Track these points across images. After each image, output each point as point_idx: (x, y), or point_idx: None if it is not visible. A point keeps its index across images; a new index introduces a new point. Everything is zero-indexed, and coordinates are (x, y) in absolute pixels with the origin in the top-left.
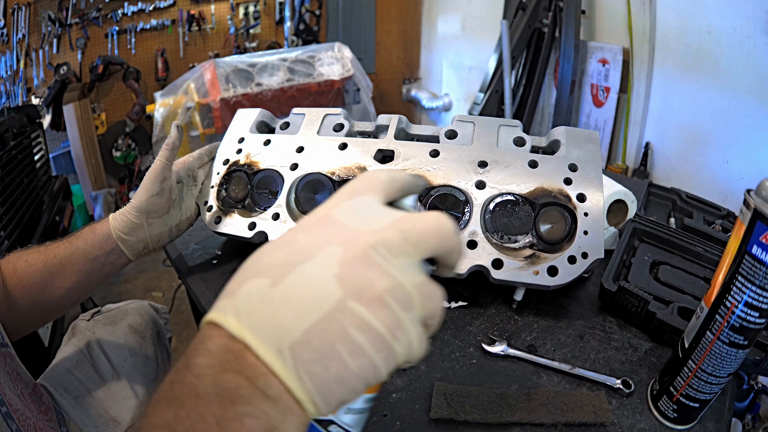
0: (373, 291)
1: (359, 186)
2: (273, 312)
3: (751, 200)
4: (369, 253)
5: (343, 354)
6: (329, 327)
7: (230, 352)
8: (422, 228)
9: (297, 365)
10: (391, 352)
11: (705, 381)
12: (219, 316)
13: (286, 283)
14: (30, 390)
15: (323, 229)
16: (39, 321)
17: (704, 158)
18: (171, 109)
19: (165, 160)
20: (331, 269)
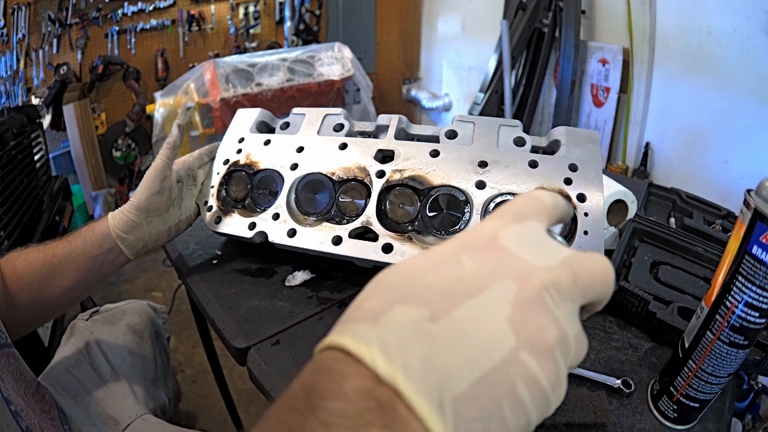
0: (545, 342)
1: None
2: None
3: (751, 200)
4: (543, 295)
5: (506, 412)
6: (499, 381)
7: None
8: (592, 273)
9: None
10: (548, 410)
11: (705, 381)
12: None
13: (451, 318)
14: (33, 390)
15: (492, 257)
16: (38, 320)
17: (704, 158)
18: (171, 109)
19: (166, 159)
20: (505, 310)
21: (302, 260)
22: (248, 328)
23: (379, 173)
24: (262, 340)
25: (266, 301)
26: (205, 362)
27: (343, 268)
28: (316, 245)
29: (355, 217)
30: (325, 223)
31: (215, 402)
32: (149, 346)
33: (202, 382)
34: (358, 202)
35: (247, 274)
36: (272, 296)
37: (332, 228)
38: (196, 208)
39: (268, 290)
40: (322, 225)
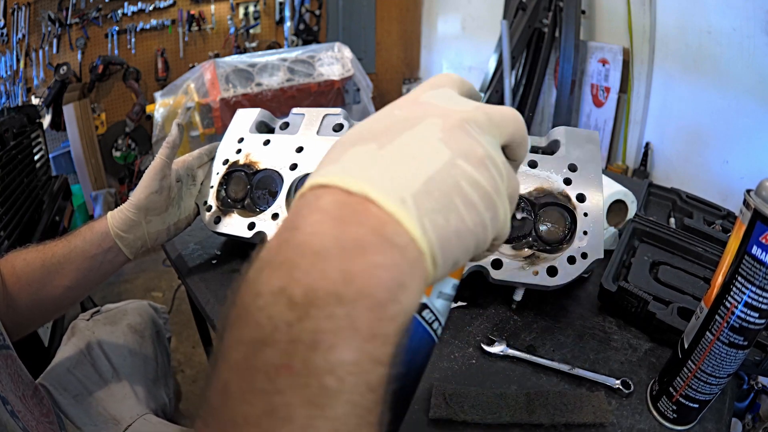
0: (475, 154)
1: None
2: (389, 168)
3: (751, 200)
4: (464, 125)
5: (460, 207)
6: (446, 180)
7: (347, 206)
8: (503, 113)
9: (420, 214)
10: (496, 214)
11: (704, 381)
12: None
13: (394, 144)
14: (31, 392)
15: (418, 106)
16: (38, 320)
17: (704, 158)
18: (171, 109)
19: (165, 158)
20: (436, 134)
21: None
22: None
23: None
24: None
25: None
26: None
27: None
28: None
29: None
30: None
31: None
32: (150, 346)
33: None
34: None
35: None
36: None
37: None
38: (196, 207)
39: None
40: None
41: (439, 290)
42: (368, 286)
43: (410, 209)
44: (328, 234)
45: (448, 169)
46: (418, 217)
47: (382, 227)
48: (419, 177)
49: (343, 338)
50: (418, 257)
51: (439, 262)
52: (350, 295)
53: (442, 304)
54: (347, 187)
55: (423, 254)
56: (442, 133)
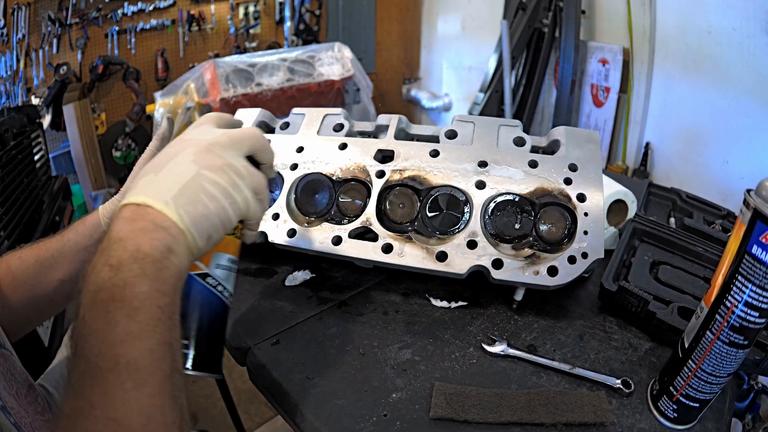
0: (215, 164)
1: (200, 120)
2: (159, 184)
3: (751, 200)
4: (210, 147)
5: (204, 199)
6: (193, 185)
7: (136, 212)
8: (241, 133)
9: (177, 208)
10: (234, 200)
11: (705, 381)
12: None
13: (163, 170)
14: (25, 391)
15: (180, 142)
16: (34, 318)
17: (704, 158)
18: (171, 109)
19: (154, 149)
20: (189, 158)
21: (302, 260)
22: (248, 328)
23: (378, 173)
24: (262, 340)
25: (266, 301)
26: None
27: (343, 268)
28: (316, 245)
29: (354, 217)
30: (325, 223)
31: (215, 402)
32: None
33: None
34: (357, 202)
35: (247, 274)
36: (272, 296)
37: (332, 228)
38: None
39: (268, 290)
40: (322, 225)
41: (216, 262)
42: (150, 250)
43: (170, 205)
44: (126, 228)
45: (195, 178)
46: (175, 209)
47: (155, 218)
48: (176, 186)
49: (139, 280)
50: (179, 233)
51: (195, 236)
52: (140, 257)
53: (222, 273)
54: (135, 201)
55: (182, 231)
56: (193, 156)
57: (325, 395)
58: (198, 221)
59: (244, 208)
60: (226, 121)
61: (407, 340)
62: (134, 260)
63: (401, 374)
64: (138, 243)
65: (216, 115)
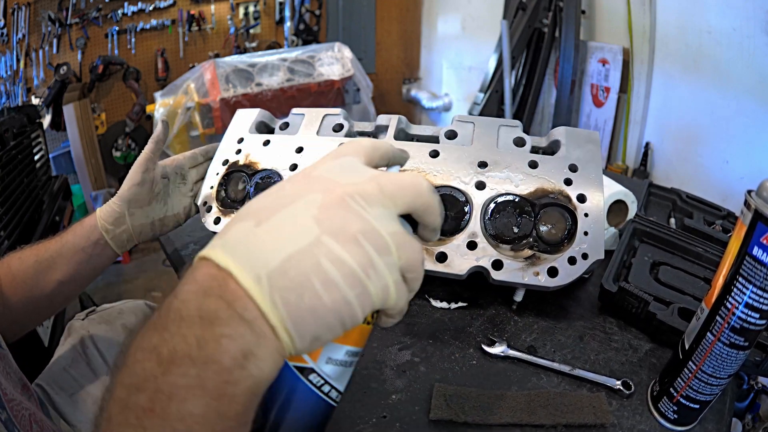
0: (347, 231)
1: (344, 149)
2: (255, 245)
3: (752, 201)
4: (346, 199)
5: (316, 285)
6: (305, 259)
7: (214, 279)
8: (399, 183)
9: (272, 292)
10: (365, 291)
11: (705, 382)
12: (208, 251)
13: (269, 222)
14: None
15: (307, 181)
16: (33, 319)
17: (704, 158)
18: (171, 109)
19: (149, 152)
20: (311, 211)
21: None
22: None
23: None
24: None
25: None
26: None
27: None
28: None
29: None
30: None
31: None
32: None
33: None
34: None
35: None
36: None
37: None
38: (187, 208)
39: None
40: None
41: (328, 356)
42: (215, 353)
43: (263, 287)
44: (193, 303)
45: (310, 249)
46: (269, 294)
47: (235, 302)
48: (279, 255)
49: (193, 394)
50: (267, 331)
51: (294, 336)
52: (201, 358)
53: (334, 369)
54: (217, 262)
55: (273, 329)
56: (317, 210)
57: None
58: (301, 318)
59: (380, 300)
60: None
61: (407, 341)
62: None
63: (401, 375)
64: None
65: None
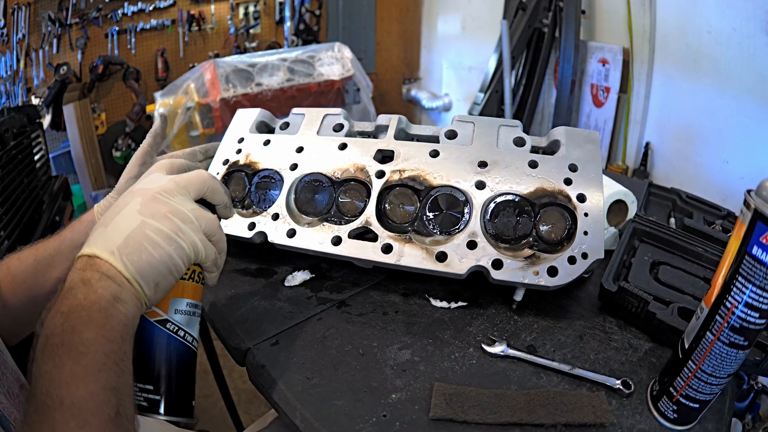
0: (160, 212)
1: (151, 169)
2: (106, 237)
3: (752, 200)
4: (156, 196)
5: (148, 247)
6: (137, 234)
7: (87, 263)
8: (188, 177)
9: (122, 257)
10: (180, 246)
11: (705, 381)
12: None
13: (112, 223)
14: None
15: (130, 193)
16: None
17: (704, 158)
18: (171, 109)
19: (147, 147)
20: (135, 208)
21: (302, 260)
22: (248, 328)
23: (378, 173)
24: (262, 341)
25: (266, 301)
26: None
27: (343, 268)
28: (316, 245)
29: (354, 218)
30: (324, 223)
31: (215, 402)
32: None
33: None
34: (357, 203)
35: (246, 274)
36: (272, 296)
37: (332, 228)
38: None
39: (267, 290)
40: (322, 225)
41: (175, 308)
42: (96, 299)
43: (116, 255)
44: (77, 277)
45: (139, 227)
46: (120, 259)
47: (102, 268)
48: (121, 236)
49: (86, 326)
50: (125, 281)
51: (141, 283)
52: (87, 304)
53: (182, 318)
54: (86, 253)
55: (128, 279)
56: (140, 206)
57: (324, 396)
58: (143, 269)
59: (192, 253)
60: (178, 166)
61: (407, 340)
62: (82, 308)
63: (401, 375)
64: (86, 292)
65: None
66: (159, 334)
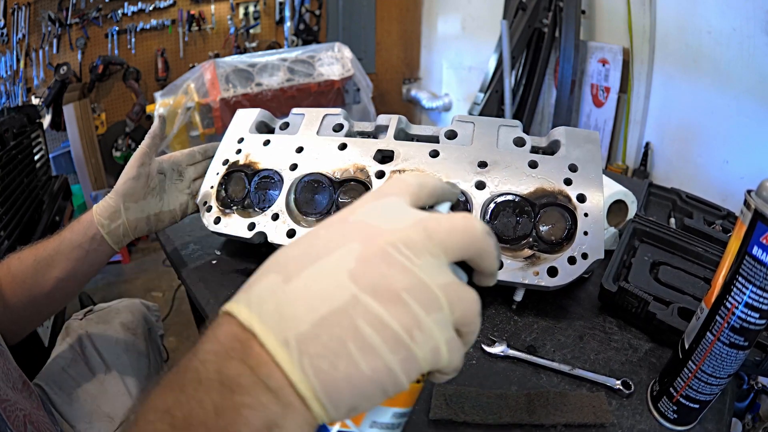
0: (389, 288)
1: (387, 188)
2: (284, 304)
3: (752, 201)
4: (389, 250)
5: (353, 352)
6: (340, 322)
7: (237, 340)
8: (448, 227)
9: (302, 358)
10: (410, 355)
11: (705, 382)
12: (232, 306)
13: (300, 277)
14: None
15: (344, 227)
16: (33, 319)
17: (704, 158)
18: (171, 109)
19: (146, 147)
20: (348, 265)
21: None
22: None
23: (378, 174)
24: None
25: None
26: None
27: None
28: None
29: None
30: None
31: None
32: (143, 343)
33: None
34: None
35: (246, 274)
36: None
37: None
38: (183, 205)
39: None
40: None
41: (373, 420)
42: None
43: (292, 352)
44: (213, 365)
45: (345, 310)
46: (299, 361)
47: (259, 367)
48: (310, 317)
49: None
50: (296, 402)
51: (327, 407)
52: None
53: None
54: (241, 320)
55: (304, 400)
56: (355, 263)
57: None
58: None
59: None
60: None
61: None
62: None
63: None
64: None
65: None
66: None
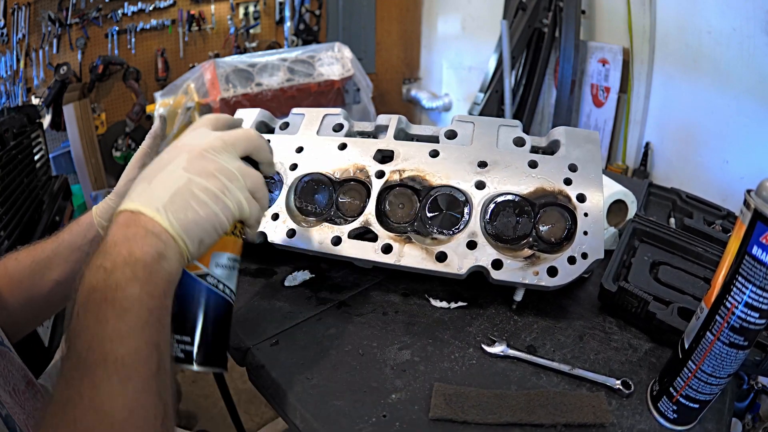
0: (207, 169)
1: (196, 123)
2: (151, 193)
3: (752, 200)
4: (203, 153)
5: (194, 206)
6: (184, 192)
7: (131, 218)
8: (235, 135)
9: (168, 214)
10: (225, 205)
11: (705, 382)
12: (122, 206)
13: (156, 179)
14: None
15: (176, 149)
16: (31, 320)
17: (704, 158)
18: (171, 109)
19: (146, 148)
20: (181, 164)
21: (302, 260)
22: (248, 328)
23: (378, 173)
24: (262, 341)
25: (266, 301)
26: None
27: (343, 268)
28: (316, 246)
29: (354, 218)
30: (324, 223)
31: (215, 402)
32: None
33: (202, 382)
34: (357, 203)
35: (246, 274)
36: (272, 296)
37: (331, 228)
38: None
39: (267, 290)
40: (322, 225)
41: (216, 262)
42: (141, 255)
43: (162, 213)
44: (120, 233)
45: (186, 185)
46: (166, 216)
47: (147, 225)
48: (167, 193)
49: (130, 283)
50: (170, 239)
51: (186, 241)
52: (132, 261)
53: (223, 271)
54: (129, 209)
55: (173, 237)
56: (186, 163)
57: (324, 396)
58: (188, 227)
59: (237, 211)
60: (224, 122)
61: (407, 340)
62: (126, 264)
63: (400, 375)
64: (130, 248)
65: (213, 117)
66: (199, 288)
